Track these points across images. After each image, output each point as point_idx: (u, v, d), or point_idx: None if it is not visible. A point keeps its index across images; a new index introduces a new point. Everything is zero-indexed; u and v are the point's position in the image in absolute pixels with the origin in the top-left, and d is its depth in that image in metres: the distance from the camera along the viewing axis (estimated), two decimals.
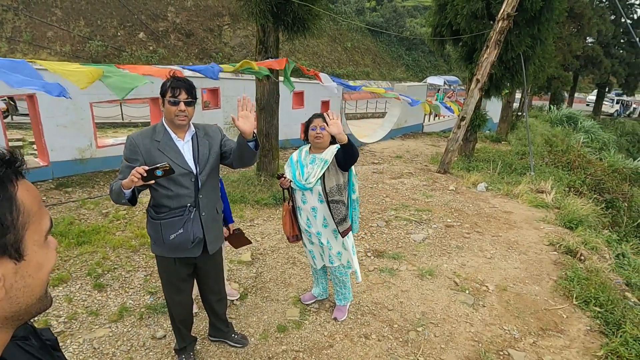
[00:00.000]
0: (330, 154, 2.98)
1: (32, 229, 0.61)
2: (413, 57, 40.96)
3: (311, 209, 3.11)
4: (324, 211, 3.08)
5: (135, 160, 2.26)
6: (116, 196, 2.20)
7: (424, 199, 6.74)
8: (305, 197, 3.11)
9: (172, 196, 2.33)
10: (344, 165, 2.99)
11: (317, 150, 3.07)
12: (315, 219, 3.13)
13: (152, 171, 1.98)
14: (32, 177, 6.17)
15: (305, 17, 5.48)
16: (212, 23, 28.41)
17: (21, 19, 22.84)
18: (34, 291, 0.62)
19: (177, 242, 2.35)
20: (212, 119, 8.52)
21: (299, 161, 3.14)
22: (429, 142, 13.58)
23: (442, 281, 4.21)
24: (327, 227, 3.14)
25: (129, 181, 2.03)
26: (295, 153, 3.23)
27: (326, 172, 2.98)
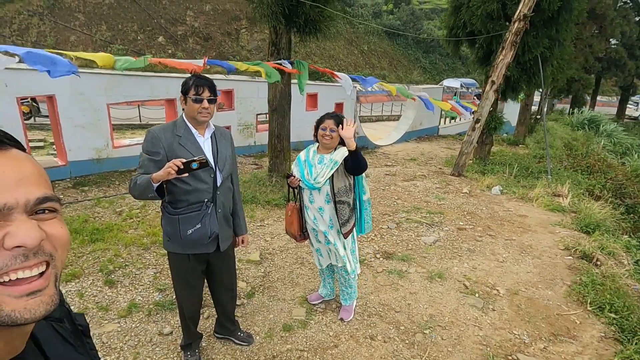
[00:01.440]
0: (340, 155, 2.98)
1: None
2: (430, 59, 40.67)
3: (318, 208, 3.12)
4: (331, 211, 3.09)
5: (156, 153, 2.29)
6: (142, 190, 2.20)
7: (436, 202, 6.68)
8: (313, 197, 3.12)
9: (191, 191, 2.36)
10: (350, 172, 3.04)
11: (325, 150, 3.09)
12: (322, 218, 3.14)
13: (188, 164, 2.02)
14: (51, 176, 6.33)
15: (317, 19, 5.51)
16: (230, 27, 28.76)
17: (46, 24, 23.55)
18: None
19: (195, 237, 2.38)
20: (227, 120, 8.62)
21: (307, 160, 3.15)
22: (444, 144, 13.44)
23: (451, 284, 4.16)
24: (333, 227, 3.15)
25: (165, 173, 2.05)
26: (303, 152, 3.24)
27: (335, 173, 3.00)
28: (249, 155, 9.01)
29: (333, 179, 3.00)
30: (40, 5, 23.78)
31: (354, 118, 11.32)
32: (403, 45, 40.16)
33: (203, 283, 2.78)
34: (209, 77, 2.49)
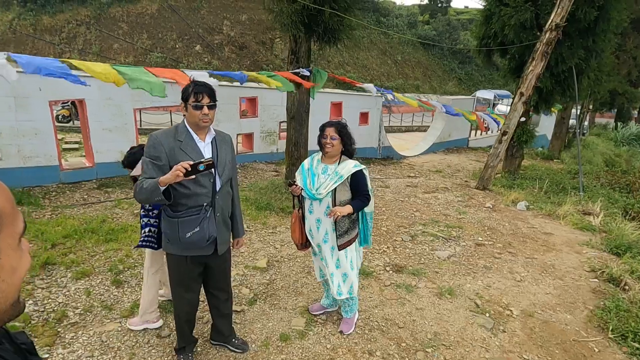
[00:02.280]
0: (346, 171, 2.93)
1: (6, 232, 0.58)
2: (466, 70, 39.92)
3: (315, 220, 3.07)
4: (327, 225, 3.04)
5: (158, 158, 2.34)
6: (149, 194, 2.25)
7: (456, 215, 6.47)
8: (313, 207, 3.07)
9: (190, 195, 2.39)
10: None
11: (329, 159, 3.05)
12: (318, 231, 3.08)
13: (195, 166, 2.07)
14: (79, 176, 6.62)
15: (336, 28, 5.50)
16: (265, 36, 29.32)
17: (92, 32, 24.82)
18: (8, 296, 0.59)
19: (194, 240, 2.42)
20: (250, 127, 8.74)
21: (310, 169, 3.11)
22: (473, 157, 13.08)
23: (461, 302, 3.99)
24: (327, 242, 3.08)
25: (173, 176, 2.11)
26: (307, 160, 3.20)
27: (339, 186, 2.95)
28: (271, 162, 9.07)
29: (336, 191, 2.94)
30: (88, 15, 25.12)
31: (379, 127, 11.23)
32: (438, 55, 39.65)
33: (200, 286, 2.80)
34: (208, 83, 2.52)
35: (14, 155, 5.97)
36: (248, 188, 6.81)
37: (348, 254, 3.13)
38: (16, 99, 5.73)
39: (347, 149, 3.02)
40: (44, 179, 6.26)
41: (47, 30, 24.32)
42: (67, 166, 6.63)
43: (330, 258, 3.11)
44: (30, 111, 5.93)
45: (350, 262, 3.13)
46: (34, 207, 5.42)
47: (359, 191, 2.98)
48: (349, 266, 3.13)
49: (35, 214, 5.26)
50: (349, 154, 3.05)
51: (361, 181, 2.99)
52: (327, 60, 29.92)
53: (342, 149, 3.00)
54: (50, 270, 3.97)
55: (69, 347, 3.00)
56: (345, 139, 2.97)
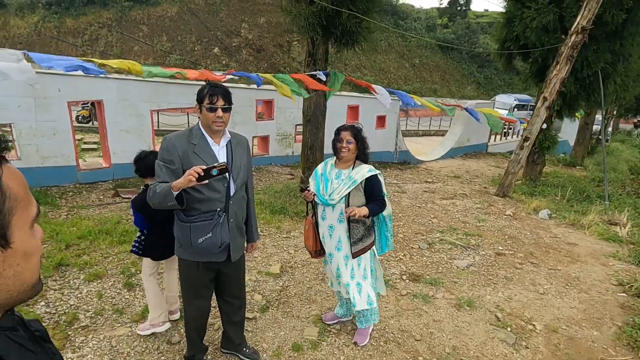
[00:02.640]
0: (360, 175, 2.85)
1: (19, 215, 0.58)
2: (485, 74, 39.39)
3: (328, 227, 2.98)
4: (341, 232, 2.94)
5: (171, 161, 2.29)
6: (161, 199, 2.20)
7: (475, 223, 6.28)
8: (325, 214, 2.99)
9: (204, 199, 2.33)
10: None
11: (343, 164, 2.97)
12: (330, 239, 2.99)
13: (208, 170, 2.01)
14: (96, 177, 6.66)
15: (354, 30, 5.40)
16: (282, 39, 29.44)
17: (113, 35, 25.27)
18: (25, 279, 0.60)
19: (205, 246, 2.35)
20: (266, 129, 8.70)
21: (323, 174, 3.02)
22: (492, 162, 12.80)
23: (481, 314, 3.83)
24: (340, 250, 2.98)
25: (186, 181, 2.06)
26: (321, 165, 3.12)
27: (353, 191, 2.86)
28: (286, 165, 9.01)
29: (349, 197, 2.85)
30: (110, 18, 25.59)
31: (396, 132, 11.08)
32: (457, 59, 39.22)
33: (212, 293, 2.73)
34: (224, 85, 2.45)
35: (33, 155, 6.03)
36: (262, 191, 6.75)
37: (362, 262, 3.03)
38: (36, 99, 5.78)
39: (362, 153, 2.94)
40: (61, 178, 6.32)
41: (70, 32, 24.87)
42: (85, 166, 6.68)
43: (345, 267, 3.00)
44: (49, 112, 5.99)
45: (363, 270, 3.03)
46: (50, 206, 5.46)
47: (373, 196, 2.89)
48: (362, 275, 3.03)
49: (52, 213, 5.29)
50: (363, 159, 2.97)
51: (376, 186, 2.91)
52: (344, 63, 29.85)
53: (356, 153, 2.92)
54: (63, 271, 3.96)
55: (79, 352, 2.96)
56: (360, 144, 2.89)
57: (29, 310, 3.33)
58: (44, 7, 24.87)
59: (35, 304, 3.44)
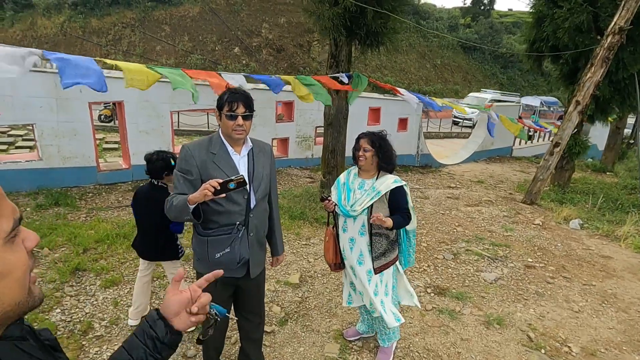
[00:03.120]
0: (385, 186, 2.69)
1: None
2: (508, 75, 38.51)
3: (349, 239, 2.82)
4: (362, 245, 2.77)
5: (189, 172, 2.18)
6: (178, 212, 2.10)
7: (502, 232, 6.02)
8: (347, 225, 2.83)
9: (223, 212, 2.20)
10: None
11: (366, 173, 2.80)
12: (351, 252, 2.82)
13: (225, 184, 1.89)
14: (115, 178, 6.64)
15: (379, 31, 5.21)
16: (302, 39, 29.34)
17: (136, 35, 25.61)
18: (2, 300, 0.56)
19: (223, 262, 2.21)
20: (286, 131, 8.57)
21: (346, 184, 2.87)
22: (517, 167, 12.40)
23: (512, 333, 3.60)
24: (362, 264, 2.80)
25: (201, 195, 1.93)
26: (343, 175, 2.96)
27: (376, 202, 2.69)
28: (306, 168, 8.87)
29: (372, 209, 2.68)
30: (133, 18, 25.94)
31: (418, 134, 10.82)
32: (479, 59, 38.46)
33: (230, 309, 2.59)
34: (246, 91, 2.31)
35: (54, 156, 6.04)
36: (282, 195, 6.62)
37: (384, 278, 2.85)
38: (57, 100, 5.78)
39: (384, 162, 2.73)
40: (82, 179, 6.31)
41: (95, 32, 25.29)
42: (104, 167, 6.67)
43: (367, 283, 2.82)
44: (70, 112, 5.98)
45: (385, 286, 2.86)
46: (70, 208, 5.44)
47: (398, 209, 2.72)
48: (384, 292, 2.86)
49: (71, 215, 5.27)
50: (387, 168, 2.77)
51: (401, 198, 2.74)
52: (365, 64, 29.57)
53: (377, 162, 2.73)
54: (80, 276, 3.89)
55: None
56: (380, 152, 2.70)
57: (44, 317, 3.27)
58: (70, 8, 25.36)
59: (51, 311, 3.38)
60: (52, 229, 4.71)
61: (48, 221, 4.96)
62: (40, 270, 3.92)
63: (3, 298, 0.56)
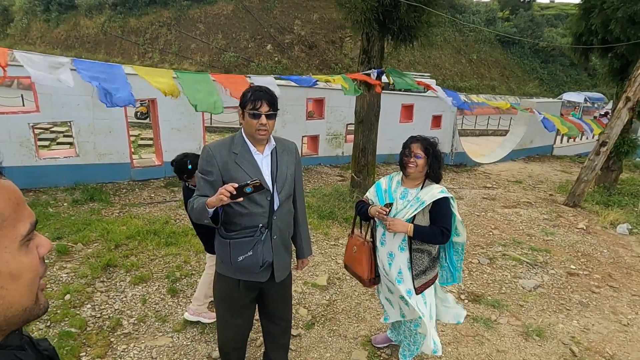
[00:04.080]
0: (430, 196, 2.43)
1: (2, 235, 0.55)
2: (549, 70, 36.90)
3: (388, 254, 2.58)
4: (402, 262, 2.53)
5: (210, 173, 2.12)
6: (198, 215, 2.06)
7: (542, 236, 5.70)
8: (385, 239, 2.59)
9: (245, 214, 2.13)
10: None
11: (410, 182, 2.54)
12: (390, 268, 2.58)
13: (241, 188, 1.84)
14: (148, 174, 6.75)
15: (412, 25, 5.01)
16: (335, 35, 29.16)
17: (172, 33, 26.20)
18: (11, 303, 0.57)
19: (245, 265, 2.15)
20: (316, 129, 8.49)
21: (388, 192, 2.61)
22: (558, 166, 11.81)
23: (553, 346, 3.37)
24: (401, 283, 2.55)
25: (217, 200, 1.88)
26: (385, 180, 2.70)
27: (419, 214, 2.44)
28: (336, 166, 8.76)
29: (414, 221, 2.44)
30: (169, 17, 26.55)
31: (452, 132, 10.48)
32: (518, 54, 37.07)
33: (253, 314, 2.50)
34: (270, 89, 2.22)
35: (90, 152, 6.20)
36: (311, 194, 6.54)
37: (427, 299, 2.61)
38: (93, 97, 5.91)
39: (434, 171, 2.48)
40: (116, 175, 6.46)
41: (133, 31, 26.07)
42: (138, 164, 6.79)
43: (407, 305, 2.61)
44: (105, 110, 6.10)
45: (429, 309, 2.62)
46: (104, 204, 5.56)
47: (437, 220, 2.45)
48: (428, 315, 2.62)
49: (105, 211, 5.38)
50: (435, 178, 2.52)
51: (444, 211, 2.46)
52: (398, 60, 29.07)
53: (427, 170, 2.47)
54: (111, 272, 3.95)
55: None
56: (432, 159, 2.45)
57: (75, 313, 3.32)
58: (110, 8, 26.23)
59: (82, 306, 3.43)
60: (86, 224, 4.82)
61: (83, 216, 5.08)
62: (73, 265, 4.01)
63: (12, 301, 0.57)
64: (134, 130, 10.83)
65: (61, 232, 4.58)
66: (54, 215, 5.05)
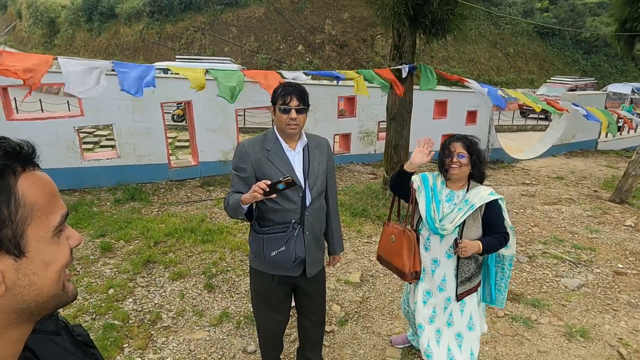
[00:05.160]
0: (480, 199, 2.29)
1: (36, 224, 0.58)
2: (593, 61, 35.13)
3: (432, 260, 2.43)
4: (448, 269, 2.40)
5: (243, 169, 2.18)
6: (233, 211, 2.14)
7: (586, 234, 5.44)
8: (430, 243, 2.44)
9: (278, 210, 2.19)
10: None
11: (454, 184, 2.40)
12: (432, 276, 2.44)
13: (274, 185, 1.88)
14: (185, 174, 6.95)
15: (445, 18, 4.91)
16: (366, 33, 28.97)
17: (206, 38, 26.85)
18: (42, 289, 0.60)
19: (278, 260, 2.20)
20: (347, 127, 8.47)
21: (434, 190, 2.43)
22: (603, 161, 11.24)
23: (599, 348, 3.22)
24: (443, 291, 2.43)
25: (251, 196, 1.94)
26: (430, 176, 2.50)
27: (468, 219, 2.30)
28: (368, 164, 8.70)
29: (463, 227, 2.30)
30: (203, 22, 27.22)
31: (488, 127, 10.18)
32: (558, 45, 35.51)
33: (289, 307, 2.55)
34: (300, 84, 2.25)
35: (130, 154, 6.45)
36: (343, 192, 6.53)
37: (466, 307, 2.46)
38: (132, 101, 6.15)
39: (478, 171, 2.35)
40: (155, 176, 6.69)
41: (169, 37, 26.89)
42: (175, 164, 7.01)
43: (442, 311, 2.47)
44: (144, 112, 6.35)
45: (468, 318, 2.47)
46: (144, 203, 5.77)
47: (493, 227, 2.32)
48: (466, 325, 2.47)
49: (145, 210, 5.59)
50: (479, 178, 2.38)
51: (498, 214, 2.33)
52: (431, 56, 28.54)
53: (470, 170, 2.34)
54: (150, 268, 4.10)
55: (159, 353, 2.99)
56: (476, 158, 2.32)
57: (118, 306, 3.47)
58: (148, 15, 27.17)
59: (124, 300, 3.57)
60: (127, 223, 5.02)
61: (124, 215, 5.30)
62: (116, 261, 4.19)
63: (42, 287, 0.60)
64: (171, 133, 11.17)
65: (104, 230, 4.80)
66: (97, 214, 5.30)
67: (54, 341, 0.71)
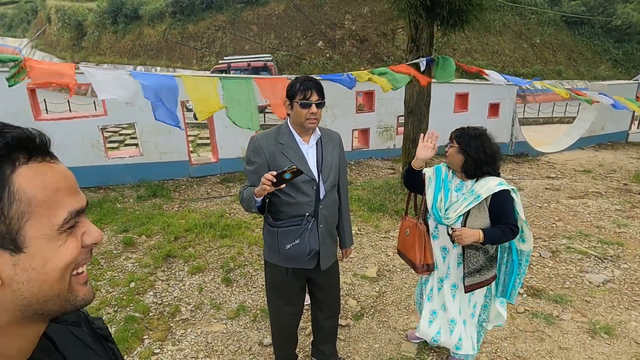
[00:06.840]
0: (486, 189, 2.25)
1: (37, 220, 0.53)
2: (624, 50, 33.74)
3: (441, 248, 2.49)
4: (453, 258, 2.44)
5: (256, 163, 2.21)
6: (247, 204, 2.18)
7: (613, 228, 5.26)
8: (438, 232, 2.49)
9: (292, 203, 2.22)
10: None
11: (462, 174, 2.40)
12: (443, 263, 2.49)
13: (280, 175, 1.91)
14: (205, 171, 7.07)
15: (463, 9, 4.81)
16: (386, 27, 28.67)
17: (227, 36, 27.12)
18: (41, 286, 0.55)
19: (293, 253, 2.23)
20: (366, 122, 8.43)
21: (445, 180, 2.45)
22: (634, 154, 10.80)
23: (624, 346, 3.11)
24: (448, 278, 2.48)
25: (261, 189, 1.97)
26: (444, 167, 2.51)
27: (474, 209, 2.28)
28: (387, 159, 8.64)
29: (468, 217, 2.28)
30: (224, 21, 27.50)
31: (511, 120, 9.95)
32: (587, 35, 34.23)
33: (303, 300, 2.57)
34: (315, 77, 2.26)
35: (153, 151, 6.60)
36: (361, 187, 6.51)
37: (473, 298, 2.50)
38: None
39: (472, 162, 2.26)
40: (176, 172, 6.83)
41: (191, 37, 27.30)
42: (196, 161, 7.13)
43: (451, 300, 2.50)
44: None
45: (473, 307, 2.51)
46: (165, 199, 5.91)
47: (501, 218, 2.26)
48: (470, 313, 2.52)
49: (166, 206, 5.72)
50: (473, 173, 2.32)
51: (506, 206, 2.27)
52: (453, 48, 27.99)
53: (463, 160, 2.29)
54: (170, 262, 4.19)
55: (178, 345, 3.06)
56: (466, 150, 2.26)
57: (139, 299, 3.57)
58: (170, 16, 27.65)
59: (145, 293, 3.67)
60: (149, 218, 5.15)
61: (146, 211, 5.43)
62: (137, 256, 4.30)
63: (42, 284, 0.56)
64: (193, 131, 11.37)
65: (127, 226, 4.93)
66: (121, 210, 5.45)
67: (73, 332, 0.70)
